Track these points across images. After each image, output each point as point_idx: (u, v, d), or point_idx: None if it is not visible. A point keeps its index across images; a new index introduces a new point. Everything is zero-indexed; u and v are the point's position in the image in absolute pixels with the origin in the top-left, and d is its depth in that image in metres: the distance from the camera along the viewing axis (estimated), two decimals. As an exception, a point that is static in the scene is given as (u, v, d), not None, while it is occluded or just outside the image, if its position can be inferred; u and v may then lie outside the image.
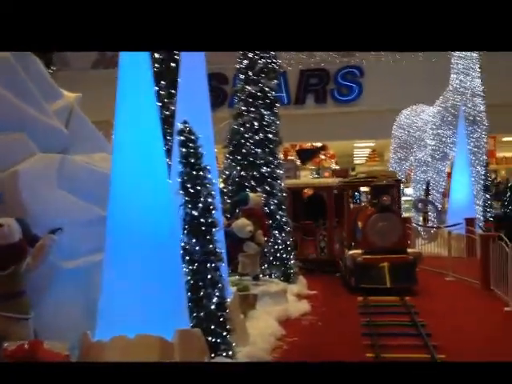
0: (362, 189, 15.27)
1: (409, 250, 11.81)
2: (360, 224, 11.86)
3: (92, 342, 5.47)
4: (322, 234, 14.31)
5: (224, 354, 6.52)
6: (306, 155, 22.95)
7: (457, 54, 18.33)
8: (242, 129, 11.19)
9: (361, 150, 31.84)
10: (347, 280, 11.88)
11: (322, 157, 27.10)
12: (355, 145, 29.67)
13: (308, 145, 25.81)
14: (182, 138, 6.34)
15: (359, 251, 11.55)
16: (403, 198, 14.67)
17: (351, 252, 11.68)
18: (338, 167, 27.22)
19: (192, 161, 6.35)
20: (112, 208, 5.59)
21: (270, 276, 11.10)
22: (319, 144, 25.18)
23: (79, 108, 7.23)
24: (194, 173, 6.37)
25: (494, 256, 11.16)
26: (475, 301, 10.77)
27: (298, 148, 25.29)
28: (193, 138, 6.31)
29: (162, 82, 8.69)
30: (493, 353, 7.38)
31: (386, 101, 21.66)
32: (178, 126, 6.48)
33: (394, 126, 20.84)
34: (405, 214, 15.42)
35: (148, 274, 5.49)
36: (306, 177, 24.17)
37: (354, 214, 12.47)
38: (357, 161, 34.19)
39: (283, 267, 11.34)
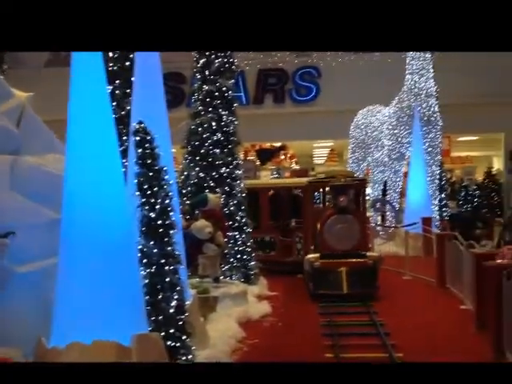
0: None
1: (368, 254, 11.27)
2: (318, 226, 11.39)
3: (47, 348, 5.33)
4: (298, 235, 13.63)
5: (183, 358, 6.44)
6: (266, 155, 22.96)
7: (411, 54, 18.58)
8: (199, 129, 11.06)
9: (320, 150, 32.00)
10: (307, 285, 11.54)
11: (282, 157, 27.15)
12: (315, 145, 29.81)
13: (268, 145, 25.82)
14: (138, 138, 6.21)
15: (317, 255, 11.10)
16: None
17: (309, 256, 11.26)
18: (298, 167, 27.32)
19: (148, 162, 6.23)
20: (66, 210, 5.44)
21: (231, 277, 11.03)
22: (279, 144, 25.23)
23: (32, 107, 7.05)
24: (151, 174, 6.24)
25: (450, 255, 11.33)
26: (432, 299, 10.91)
27: (257, 148, 25.28)
28: (149, 138, 6.19)
29: (117, 82, 8.53)
30: (450, 351, 7.50)
31: (343, 101, 21.80)
32: (134, 126, 6.36)
33: (352, 127, 21.01)
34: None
35: (104, 278, 5.37)
36: (267, 177, 24.16)
37: (315, 216, 12.00)
38: (316, 161, 34.38)
39: (243, 268, 11.27)
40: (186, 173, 11.19)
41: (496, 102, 21.57)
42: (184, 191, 10.93)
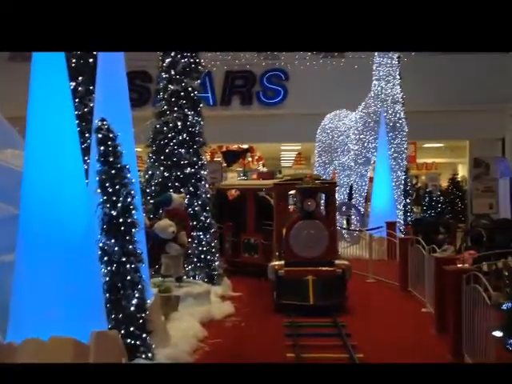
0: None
1: (337, 262, 10.37)
2: (284, 231, 10.64)
3: (2, 343, 5.26)
4: None
5: (143, 357, 6.43)
6: (232, 157, 22.87)
7: (377, 60, 18.76)
8: (165, 128, 10.97)
9: (288, 153, 32.18)
10: (271, 294, 10.52)
11: (249, 159, 27.17)
12: (282, 148, 29.93)
13: (235, 147, 25.81)
14: (100, 135, 6.18)
15: (282, 262, 10.35)
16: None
17: (273, 263, 10.46)
18: (265, 169, 27.38)
19: (110, 159, 6.21)
20: (25, 207, 5.39)
21: (194, 278, 10.99)
22: (246, 146, 25.23)
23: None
24: (113, 172, 6.23)
25: (412, 259, 11.48)
26: (393, 302, 11.04)
27: (223, 149, 25.26)
28: (111, 135, 6.17)
29: (80, 78, 8.44)
30: (410, 353, 7.64)
31: (310, 105, 21.90)
32: (96, 123, 6.31)
33: (319, 130, 21.10)
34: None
35: (62, 275, 5.34)
36: (233, 179, 24.17)
37: (281, 220, 11.21)
38: (284, 164, 34.53)
39: (207, 269, 11.23)
40: (150, 172, 11.09)
41: (461, 110, 21.94)
42: (148, 190, 10.87)
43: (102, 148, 6.21)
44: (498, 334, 3.01)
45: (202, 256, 11.15)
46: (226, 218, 13.99)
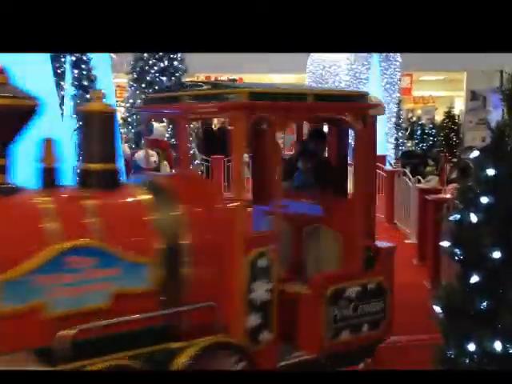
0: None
1: None
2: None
3: None
4: None
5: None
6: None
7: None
8: (145, 55, 10.59)
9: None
10: None
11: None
12: (274, 80, 29.42)
13: (225, 78, 25.28)
14: (73, 58, 6.00)
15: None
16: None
17: None
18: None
19: (85, 83, 6.05)
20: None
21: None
22: (236, 77, 24.71)
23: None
24: (88, 96, 6.07)
25: (398, 191, 11.43)
26: (378, 234, 10.96)
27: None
28: (84, 58, 6.00)
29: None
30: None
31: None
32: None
33: (309, 60, 20.60)
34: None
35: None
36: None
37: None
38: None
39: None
40: (131, 100, 10.78)
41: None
42: (129, 120, 10.62)
43: (75, 71, 6.06)
44: (445, 244, 2.97)
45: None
46: None
